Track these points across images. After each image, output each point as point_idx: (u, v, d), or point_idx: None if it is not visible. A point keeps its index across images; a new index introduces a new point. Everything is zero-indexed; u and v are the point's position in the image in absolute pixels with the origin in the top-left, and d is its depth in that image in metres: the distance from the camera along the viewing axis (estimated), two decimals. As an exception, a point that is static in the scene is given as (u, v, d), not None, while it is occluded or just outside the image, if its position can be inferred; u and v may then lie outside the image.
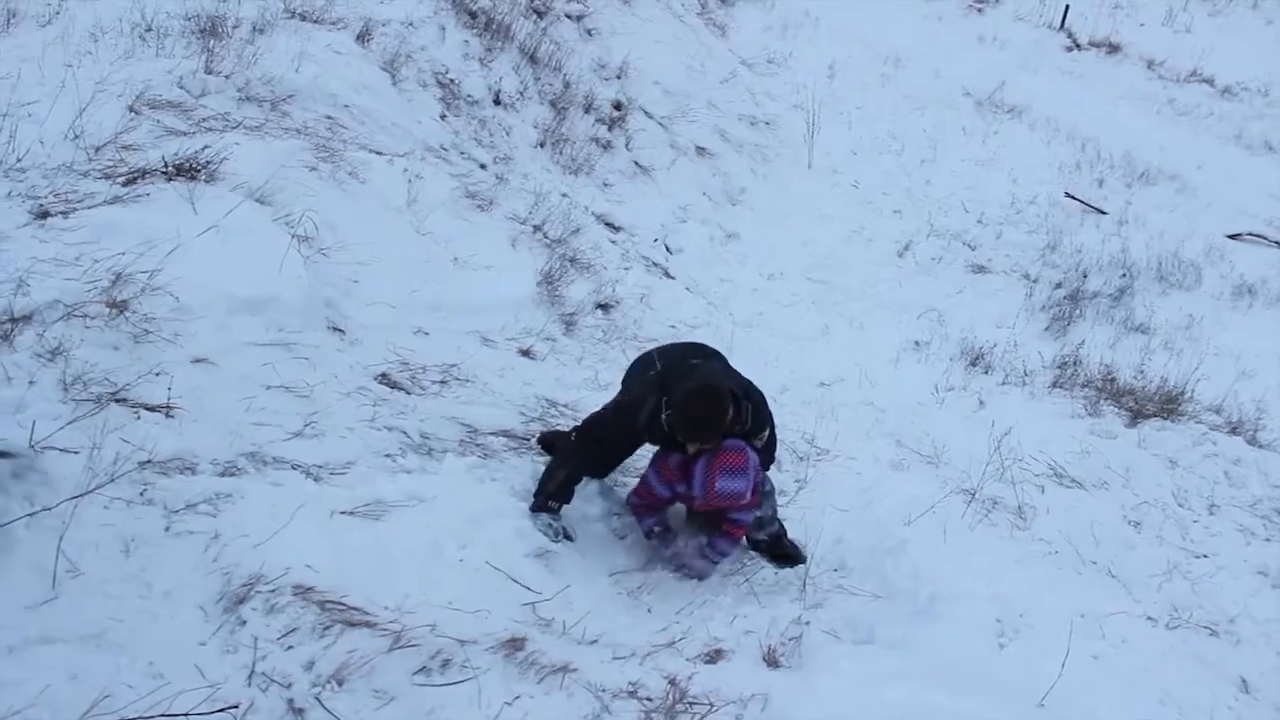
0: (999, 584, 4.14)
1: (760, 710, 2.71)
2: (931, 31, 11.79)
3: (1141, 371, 7.30)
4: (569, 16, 9.95)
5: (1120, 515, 5.16)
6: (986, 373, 7.20)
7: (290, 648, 2.54)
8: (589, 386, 5.87)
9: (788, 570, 4.29)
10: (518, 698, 2.51)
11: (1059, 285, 8.43)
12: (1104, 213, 9.46)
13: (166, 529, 2.96)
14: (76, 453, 3.00)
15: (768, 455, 4.35)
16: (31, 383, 3.22)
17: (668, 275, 8.21)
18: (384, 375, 4.70)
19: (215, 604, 2.65)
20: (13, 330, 3.54)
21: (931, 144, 10.15)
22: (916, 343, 7.73)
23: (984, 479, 5.24)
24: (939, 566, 4.19)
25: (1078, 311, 8.03)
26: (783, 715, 2.68)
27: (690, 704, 2.62)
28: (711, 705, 2.62)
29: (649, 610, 3.61)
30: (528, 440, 4.71)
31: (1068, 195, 9.55)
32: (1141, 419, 6.34)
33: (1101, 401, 6.61)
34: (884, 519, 4.69)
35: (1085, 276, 8.51)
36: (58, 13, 7.55)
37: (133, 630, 2.54)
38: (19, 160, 5.07)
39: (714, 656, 3.24)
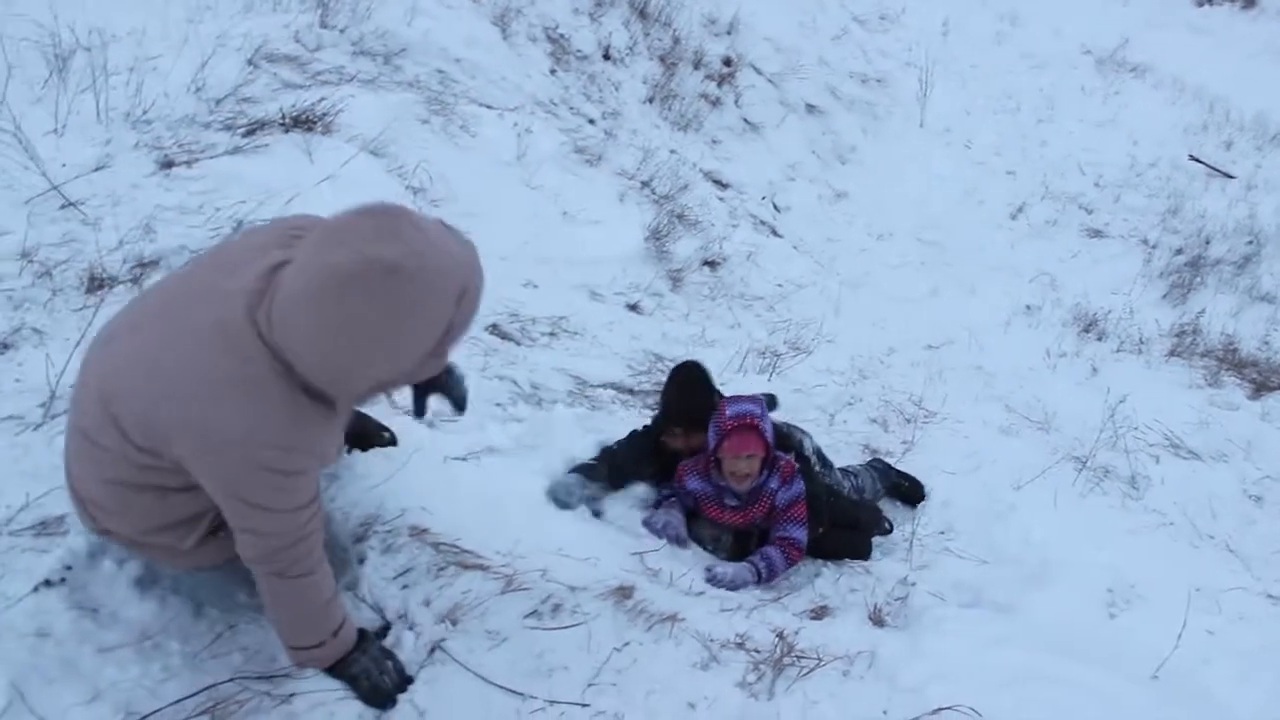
0: (1110, 553, 4.07)
1: (867, 667, 2.72)
2: (1051, -12, 11.41)
3: (1266, 343, 7.05)
4: (679, -30, 9.86)
5: (1240, 489, 5.02)
6: (1100, 339, 7.04)
7: (406, 586, 2.64)
8: (695, 342, 5.90)
9: (893, 533, 4.26)
10: (627, 644, 2.56)
11: (1179, 251, 8.16)
12: (1231, 176, 9.11)
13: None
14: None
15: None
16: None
17: (775, 233, 8.17)
18: (494, 326, 4.79)
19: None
20: (141, 274, 3.69)
21: (1049, 104, 9.87)
22: (1028, 307, 7.58)
23: (1096, 447, 5.14)
24: (1049, 533, 4.14)
25: (1199, 279, 7.78)
26: (889, 673, 2.70)
27: (798, 657, 2.65)
28: (819, 660, 2.65)
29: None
30: (635, 393, 4.77)
31: (1192, 158, 9.21)
32: (1265, 391, 6.14)
33: (1222, 372, 6.42)
34: (992, 483, 4.64)
35: (1208, 243, 8.22)
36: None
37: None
38: (145, 113, 5.23)
39: (820, 613, 3.27)
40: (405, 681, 2.40)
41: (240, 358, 2.00)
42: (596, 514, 3.59)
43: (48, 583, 2.33)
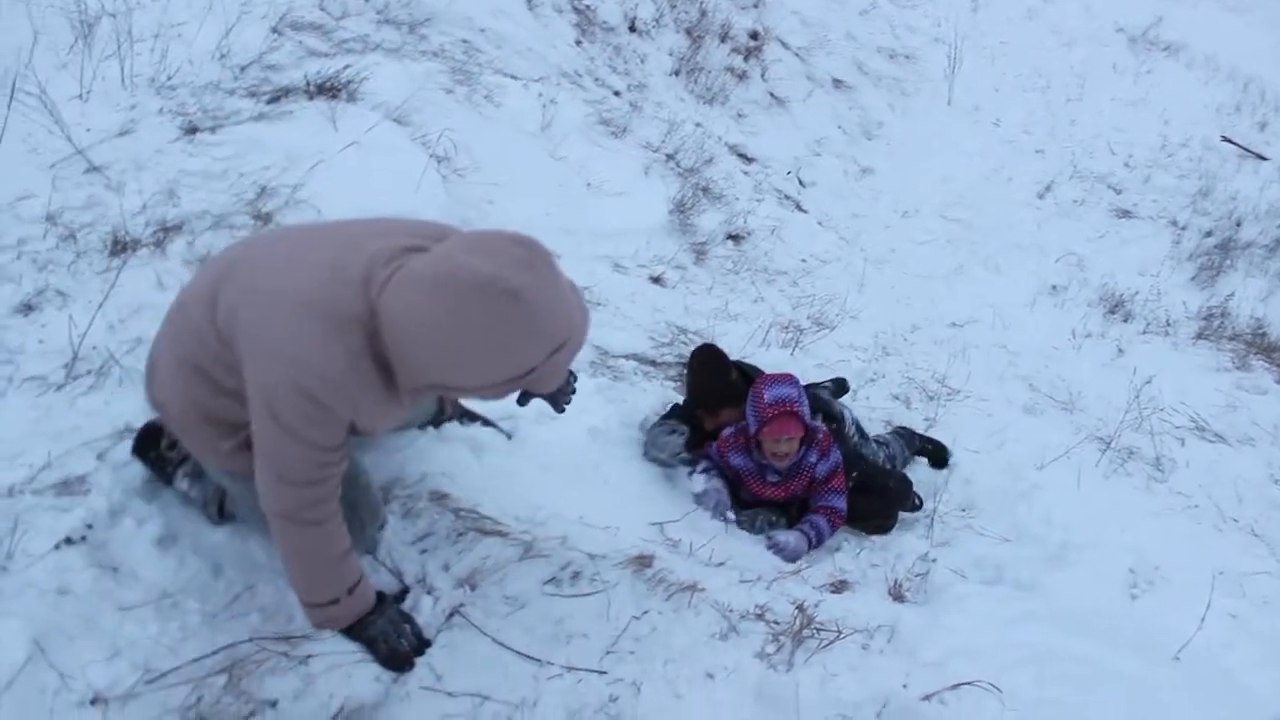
0: (1133, 535, 4.03)
1: (887, 640, 2.70)
2: (1084, -36, 11.24)
3: (1297, 327, 6.96)
4: (708, -58, 9.77)
5: (1267, 474, 4.97)
6: (1126, 321, 6.97)
7: (425, 551, 2.63)
8: (718, 316, 5.87)
9: (917, 511, 4.24)
10: (646, 613, 2.55)
11: (1209, 233, 8.05)
12: (1264, 158, 8.97)
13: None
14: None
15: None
16: (180, 286, 3.35)
17: (800, 209, 8.11)
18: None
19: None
20: (164, 238, 3.69)
21: (1079, 82, 9.74)
22: (1054, 287, 7.51)
23: (1121, 428, 5.09)
24: (1071, 513, 4.11)
25: (1228, 262, 7.67)
26: (910, 647, 2.68)
27: (818, 629, 2.63)
28: (839, 632, 2.63)
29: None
30: (657, 364, 4.75)
31: (1224, 139, 9.07)
32: (1295, 375, 6.07)
33: (1251, 356, 6.34)
34: (1015, 462, 4.61)
35: (1239, 225, 8.11)
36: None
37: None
38: (169, 79, 5.22)
39: (839, 588, 3.25)
40: (423, 645, 2.41)
41: (337, 298, 2.11)
42: (689, 463, 3.86)
43: (69, 541, 2.34)
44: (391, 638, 2.36)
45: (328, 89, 5.33)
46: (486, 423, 3.39)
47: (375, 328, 2.10)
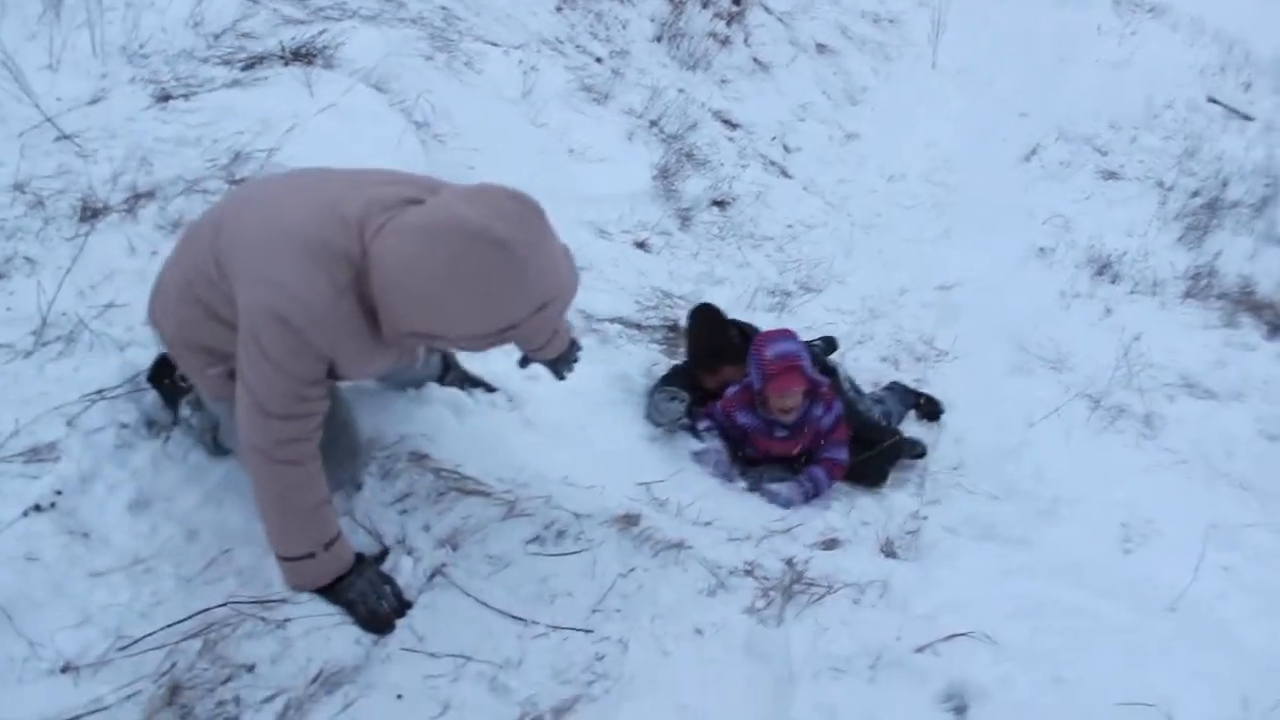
0: (1124, 490, 4.01)
1: (879, 595, 2.66)
2: (1069, -75, 11.14)
3: (1284, 285, 6.92)
4: (689, -95, 9.65)
5: (1256, 429, 4.92)
6: (1114, 282, 6.92)
7: (404, 512, 2.57)
8: (704, 280, 5.82)
9: (906, 466, 4.21)
10: (632, 570, 2.50)
11: (1195, 194, 8.00)
12: (1250, 118, 8.93)
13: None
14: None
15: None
16: (154, 253, 3.27)
17: (785, 174, 8.04)
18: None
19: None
20: (135, 204, 3.60)
21: (1064, 45, 9.66)
22: (1041, 249, 7.45)
23: (1110, 385, 5.06)
24: (1061, 469, 4.08)
25: (1215, 221, 7.62)
26: (901, 601, 2.64)
27: (808, 584, 2.59)
28: (830, 587, 2.59)
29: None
30: (642, 327, 4.69)
31: (1210, 99, 9.02)
32: (1282, 332, 6.04)
33: (1239, 313, 6.31)
34: (1005, 420, 4.58)
35: (1225, 185, 8.06)
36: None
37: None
38: (141, 46, 5.11)
39: (830, 545, 3.21)
40: (404, 606, 2.36)
41: (331, 234, 2.14)
42: (689, 429, 3.85)
43: (37, 508, 2.28)
44: (371, 599, 2.31)
45: (303, 55, 5.23)
46: (488, 388, 3.35)
47: (364, 269, 2.12)
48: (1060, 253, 7.36)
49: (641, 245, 5.97)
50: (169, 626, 2.14)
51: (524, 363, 2.89)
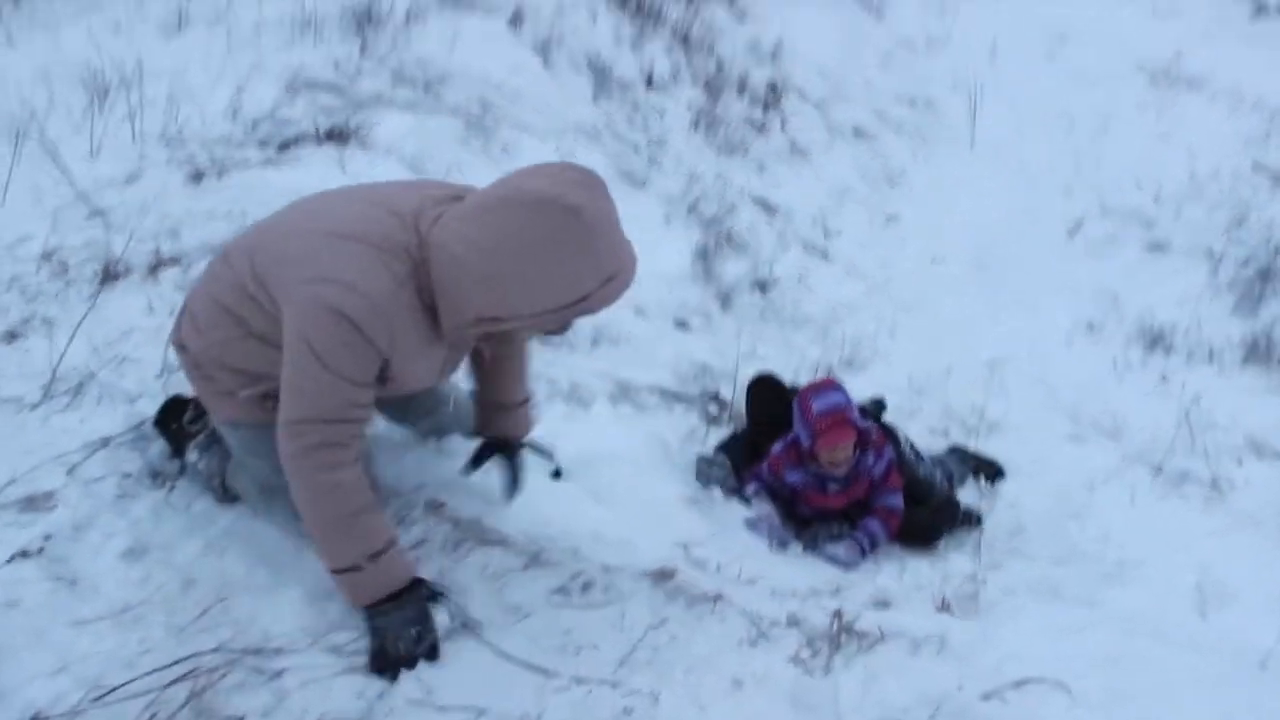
0: (1195, 553, 3.74)
1: (937, 648, 2.43)
2: (1099, 6, 11.14)
3: (1348, 350, 6.63)
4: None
5: (1333, 490, 4.63)
6: (1168, 353, 6.68)
7: (418, 559, 2.39)
8: (747, 358, 5.67)
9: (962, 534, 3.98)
10: (664, 621, 2.30)
11: (1247, 262, 7.76)
12: (1299, 186, 8.71)
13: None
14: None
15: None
16: (171, 312, 3.20)
17: (826, 257, 7.94)
18: (534, 330, 4.60)
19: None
20: (158, 267, 3.56)
21: (1102, 121, 9.56)
22: (1090, 324, 7.22)
23: (1172, 451, 4.80)
24: (1126, 532, 3.83)
25: (1270, 289, 7.37)
26: (962, 653, 2.40)
27: (859, 635, 2.37)
28: (882, 635, 2.37)
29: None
30: (681, 397, 4.54)
31: (1257, 167, 8.83)
32: (1353, 395, 5.74)
33: (1304, 376, 6.03)
34: (1063, 486, 4.34)
35: (1278, 253, 7.82)
36: (225, 12, 7.88)
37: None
38: (179, 132, 5.18)
39: (883, 605, 2.98)
40: (420, 657, 2.16)
41: (387, 228, 2.12)
42: (727, 491, 3.72)
43: (24, 554, 2.14)
44: (388, 636, 2.14)
45: (337, 135, 5.27)
46: (535, 450, 3.04)
47: (423, 259, 2.10)
48: (1110, 327, 7.14)
49: (681, 324, 5.87)
50: (151, 673, 1.96)
51: (476, 462, 2.80)
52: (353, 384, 2.10)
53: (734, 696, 2.09)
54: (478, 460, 2.80)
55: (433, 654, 2.16)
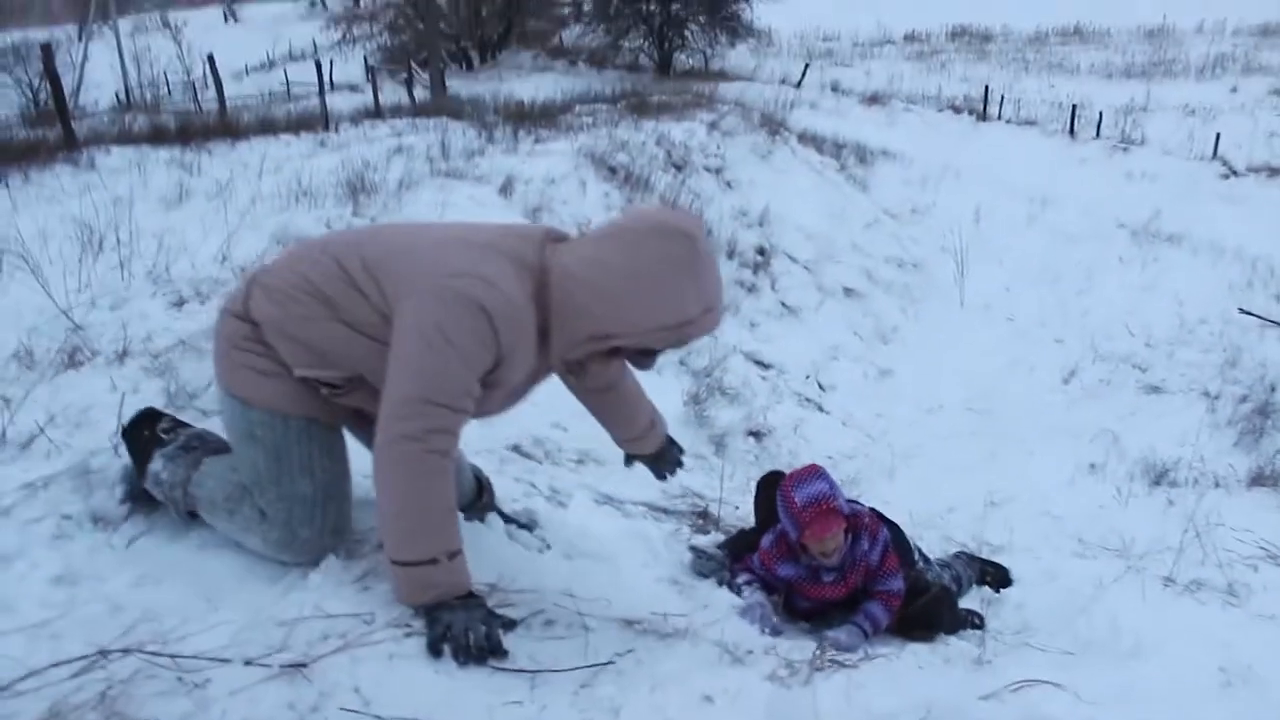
0: (1215, 640, 3.50)
1: (929, 665, 2.22)
2: (1076, 174, 11.63)
3: (1353, 476, 6.50)
4: (708, 169, 10.14)
5: (1355, 591, 4.40)
6: (1173, 486, 6.53)
7: (367, 588, 2.22)
8: (740, 491, 5.53)
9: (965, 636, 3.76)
10: (631, 650, 2.11)
11: (1244, 399, 7.73)
12: (1287, 326, 8.79)
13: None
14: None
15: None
16: (135, 391, 3.13)
17: (821, 409, 7.94)
18: (516, 446, 4.50)
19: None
20: (126, 354, 3.51)
21: (1087, 275, 9.77)
22: (1092, 465, 7.13)
23: (1183, 565, 4.60)
24: (1140, 624, 3.59)
25: (1270, 423, 7.30)
26: (961, 669, 2.19)
27: (840, 664, 2.16)
28: (868, 657, 2.18)
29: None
30: (669, 511, 4.40)
31: (1242, 311, 8.93)
32: (1365, 513, 5.56)
33: (1313, 497, 5.87)
34: (1071, 587, 4.12)
35: (1274, 389, 7.80)
36: (225, 187, 8.17)
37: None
38: (167, 271, 5.25)
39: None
40: (485, 653, 2.09)
41: (521, 247, 2.26)
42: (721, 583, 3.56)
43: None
44: (458, 628, 2.10)
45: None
46: (521, 525, 3.14)
47: (545, 282, 2.22)
48: (1111, 466, 7.04)
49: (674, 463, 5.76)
50: (54, 666, 1.77)
51: (629, 461, 3.15)
52: (474, 373, 2.16)
53: (704, 711, 1.89)
54: (629, 459, 3.23)
55: (500, 652, 2.09)
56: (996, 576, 4.38)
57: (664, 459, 3.22)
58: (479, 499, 3.08)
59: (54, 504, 2.32)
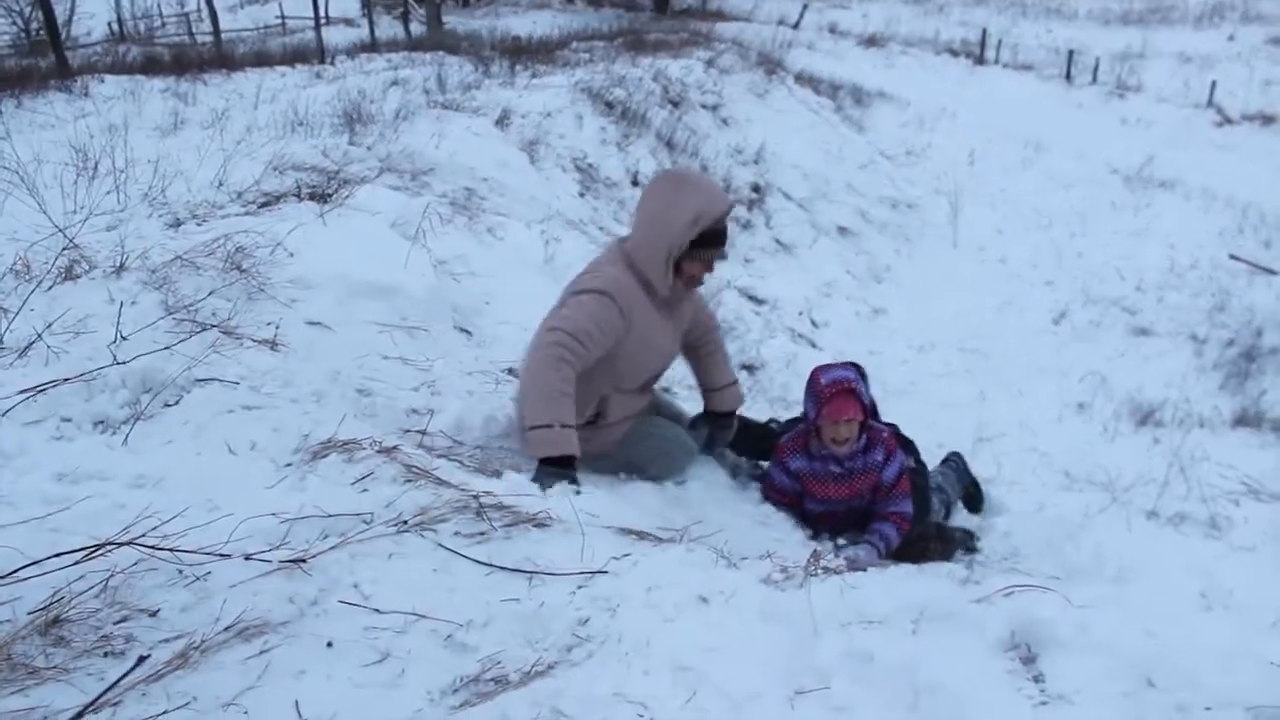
0: (1196, 567, 3.57)
1: (922, 573, 2.26)
2: (1072, 119, 11.56)
3: (1336, 419, 6.56)
4: (704, 106, 10.06)
5: (1335, 525, 4.48)
6: (1159, 426, 6.60)
7: (365, 490, 2.24)
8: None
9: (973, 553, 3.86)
10: (628, 554, 2.14)
11: (1231, 343, 7.78)
12: (1275, 272, 8.80)
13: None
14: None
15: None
16: (134, 303, 3.11)
17: (814, 345, 7.94)
18: (512, 370, 4.51)
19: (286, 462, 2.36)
20: (123, 268, 3.49)
21: (1080, 219, 9.75)
22: (1080, 405, 7.18)
23: (1165, 491, 4.68)
24: (1125, 552, 3.66)
25: (1255, 367, 7.36)
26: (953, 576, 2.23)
27: (829, 570, 2.19)
28: (866, 571, 2.21)
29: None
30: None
31: (1232, 257, 8.95)
32: (1347, 449, 5.64)
33: (1295, 435, 5.95)
34: (1058, 518, 4.19)
35: (1260, 334, 7.85)
36: (220, 116, 8.08)
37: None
38: (163, 194, 5.20)
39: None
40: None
41: (606, 254, 3.53)
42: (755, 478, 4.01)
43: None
44: (549, 480, 2.86)
45: (320, 196, 5.26)
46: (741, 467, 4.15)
47: (630, 257, 3.35)
48: (1099, 406, 7.09)
49: (666, 391, 5.79)
50: (55, 556, 1.79)
51: (694, 423, 4.02)
52: (597, 325, 3.18)
53: (699, 611, 1.91)
54: (694, 425, 4.02)
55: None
56: (972, 500, 4.53)
57: (727, 429, 4.05)
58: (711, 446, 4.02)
59: (54, 407, 2.32)
